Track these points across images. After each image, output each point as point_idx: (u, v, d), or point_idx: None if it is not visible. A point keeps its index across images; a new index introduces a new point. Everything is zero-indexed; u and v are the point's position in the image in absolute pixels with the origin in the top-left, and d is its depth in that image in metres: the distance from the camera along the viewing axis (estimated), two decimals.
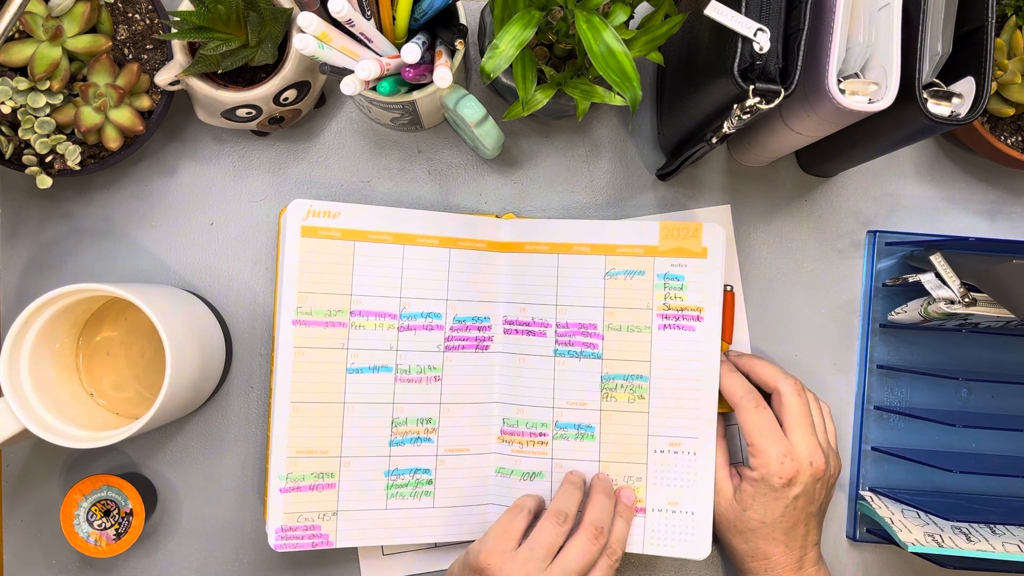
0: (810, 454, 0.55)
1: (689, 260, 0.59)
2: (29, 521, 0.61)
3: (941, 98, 0.48)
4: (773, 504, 0.55)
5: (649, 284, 0.59)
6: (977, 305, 0.57)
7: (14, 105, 0.53)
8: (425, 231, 0.59)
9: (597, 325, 0.59)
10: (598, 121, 0.64)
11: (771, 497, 0.55)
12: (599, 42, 0.46)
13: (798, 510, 0.56)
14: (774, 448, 0.55)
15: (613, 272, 0.59)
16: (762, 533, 0.56)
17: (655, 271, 0.59)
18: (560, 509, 0.56)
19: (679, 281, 0.59)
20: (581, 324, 0.59)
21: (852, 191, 0.65)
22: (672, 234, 0.60)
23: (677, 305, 0.59)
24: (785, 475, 0.55)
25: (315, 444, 0.57)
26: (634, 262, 0.59)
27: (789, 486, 0.55)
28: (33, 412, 0.52)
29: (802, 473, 0.55)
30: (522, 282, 0.60)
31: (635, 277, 0.59)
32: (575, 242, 0.60)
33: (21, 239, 0.61)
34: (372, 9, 0.50)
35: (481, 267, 0.60)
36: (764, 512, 0.56)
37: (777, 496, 0.55)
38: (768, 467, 0.55)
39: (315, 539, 0.57)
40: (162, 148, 0.62)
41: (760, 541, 0.56)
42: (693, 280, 0.59)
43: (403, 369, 0.59)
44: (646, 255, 0.59)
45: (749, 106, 0.45)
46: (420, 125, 0.61)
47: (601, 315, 0.59)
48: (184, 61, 0.54)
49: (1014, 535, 0.59)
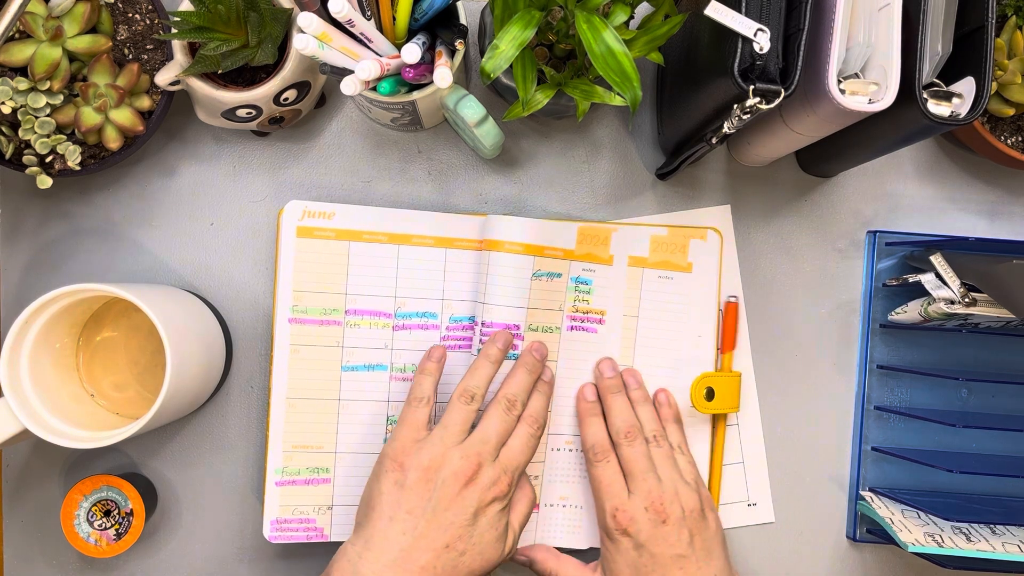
0: (646, 500, 0.55)
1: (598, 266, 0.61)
2: (29, 521, 0.61)
3: (941, 98, 0.48)
4: (629, 556, 0.55)
5: (563, 286, 0.60)
6: (977, 305, 0.57)
7: (14, 105, 0.53)
8: (420, 231, 0.60)
9: (521, 326, 0.59)
10: (598, 121, 0.64)
11: (623, 551, 0.55)
12: (599, 42, 0.46)
13: (656, 557, 0.54)
14: (607, 503, 0.56)
15: (538, 273, 0.59)
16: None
17: (570, 274, 0.60)
18: (466, 389, 0.55)
19: (587, 285, 0.61)
20: (506, 325, 0.59)
21: (852, 191, 0.65)
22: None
23: (584, 308, 0.61)
24: (619, 526, 0.55)
25: (310, 439, 0.58)
26: (554, 264, 0.60)
27: (627, 535, 0.55)
28: (33, 412, 0.52)
29: (638, 521, 0.54)
30: (477, 280, 0.60)
31: (553, 279, 0.60)
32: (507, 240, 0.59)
33: (21, 239, 0.61)
34: (372, 9, 0.50)
35: (478, 267, 0.60)
36: (628, 570, 0.55)
37: (623, 548, 0.55)
38: (604, 521, 0.56)
39: (309, 532, 0.58)
40: (162, 148, 0.62)
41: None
42: (599, 285, 0.61)
43: (398, 368, 0.60)
44: (565, 258, 0.60)
45: (749, 106, 0.45)
46: (420, 125, 0.61)
47: (524, 316, 0.59)
48: (184, 61, 0.55)
49: (1014, 535, 0.59)
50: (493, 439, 0.54)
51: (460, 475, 0.52)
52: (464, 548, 0.52)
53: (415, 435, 0.54)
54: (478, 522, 0.52)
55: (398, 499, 0.52)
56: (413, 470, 0.52)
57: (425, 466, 0.52)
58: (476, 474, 0.52)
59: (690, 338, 0.62)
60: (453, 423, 0.54)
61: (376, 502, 0.53)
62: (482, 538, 0.52)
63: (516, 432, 0.55)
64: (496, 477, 0.53)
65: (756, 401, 0.64)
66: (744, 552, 0.64)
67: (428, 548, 0.51)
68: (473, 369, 0.56)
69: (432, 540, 0.51)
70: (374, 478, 0.54)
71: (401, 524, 0.51)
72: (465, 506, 0.52)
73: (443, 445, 0.53)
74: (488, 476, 0.53)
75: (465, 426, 0.54)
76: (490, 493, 0.53)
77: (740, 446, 0.64)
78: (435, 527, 0.51)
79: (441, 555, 0.51)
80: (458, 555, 0.51)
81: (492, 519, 0.53)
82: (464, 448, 0.53)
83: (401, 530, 0.51)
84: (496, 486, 0.53)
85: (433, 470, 0.52)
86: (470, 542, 0.52)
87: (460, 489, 0.52)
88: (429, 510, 0.51)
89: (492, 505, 0.53)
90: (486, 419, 0.55)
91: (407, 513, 0.51)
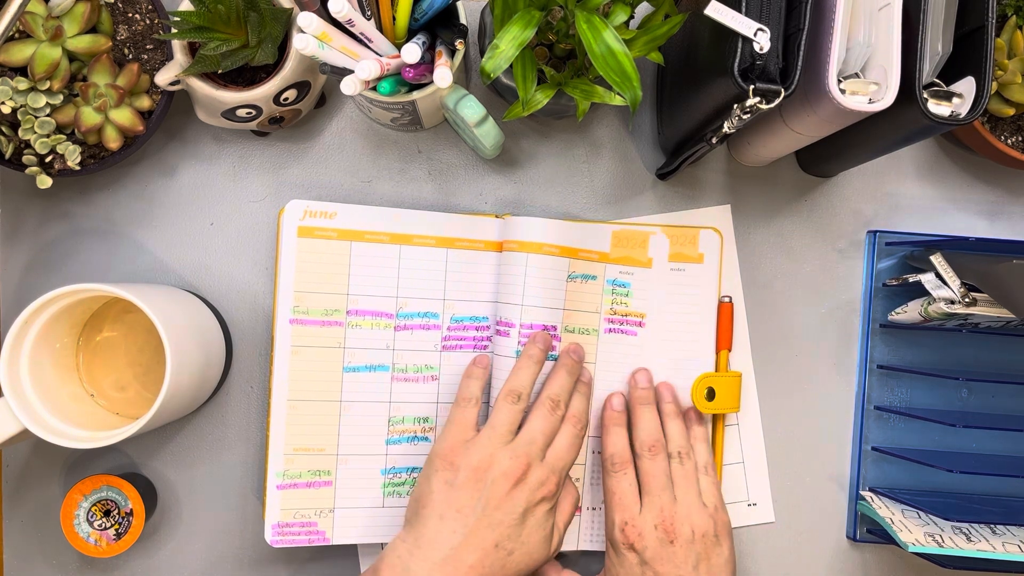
0: (657, 517, 0.55)
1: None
2: (29, 521, 0.61)
3: (941, 98, 0.48)
4: (633, 571, 0.54)
5: (599, 289, 0.61)
6: (977, 305, 0.57)
7: (14, 105, 0.53)
8: (422, 231, 0.60)
9: (558, 327, 0.59)
10: (598, 121, 0.64)
11: (627, 565, 0.55)
12: (599, 42, 0.46)
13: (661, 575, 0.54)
14: (618, 515, 0.56)
15: (573, 275, 0.59)
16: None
17: (605, 276, 0.61)
18: (512, 389, 0.56)
19: (626, 288, 0.61)
20: (544, 326, 0.59)
21: (852, 191, 0.65)
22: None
23: (622, 310, 0.61)
24: (627, 541, 0.55)
25: (312, 442, 0.58)
26: (589, 267, 0.60)
27: (633, 551, 0.54)
28: (33, 412, 0.52)
29: (645, 537, 0.54)
30: (503, 281, 0.60)
31: (588, 281, 0.60)
32: (545, 242, 0.58)
33: (21, 239, 0.61)
34: (372, 9, 0.50)
35: (479, 267, 0.60)
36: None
37: (627, 563, 0.55)
38: (611, 533, 0.56)
39: (311, 536, 0.58)
40: (162, 148, 0.62)
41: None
42: (638, 287, 0.61)
43: (400, 368, 0.59)
44: (600, 261, 0.60)
45: (749, 106, 0.45)
46: (420, 125, 0.61)
47: (560, 317, 0.59)
48: (184, 61, 0.54)
49: (1014, 535, 0.59)
50: (540, 439, 0.54)
51: (510, 475, 0.52)
52: (512, 548, 0.52)
53: (464, 435, 0.54)
54: (527, 522, 0.53)
55: (448, 498, 0.52)
56: (464, 469, 0.53)
57: (475, 466, 0.53)
58: (525, 474, 0.53)
59: (694, 334, 0.62)
60: (501, 423, 0.54)
61: (427, 500, 0.53)
62: (530, 538, 0.53)
63: (561, 432, 0.56)
64: (544, 477, 0.53)
65: (756, 401, 0.64)
66: (744, 552, 0.64)
67: (478, 547, 0.51)
68: (517, 369, 0.57)
69: (482, 539, 0.51)
70: (424, 478, 0.54)
71: (452, 523, 0.52)
72: (514, 506, 0.52)
73: (492, 445, 0.53)
74: (537, 476, 0.53)
75: (513, 426, 0.55)
76: (539, 493, 0.53)
77: (740, 446, 0.64)
78: (485, 526, 0.52)
79: (490, 554, 0.51)
80: (507, 555, 0.52)
81: (540, 519, 0.53)
82: (513, 448, 0.53)
83: (452, 528, 0.51)
84: (544, 486, 0.53)
85: (483, 470, 0.53)
86: (518, 541, 0.52)
87: (510, 489, 0.52)
88: (479, 509, 0.52)
89: (540, 505, 0.53)
90: (532, 420, 0.55)
91: (457, 511, 0.52)
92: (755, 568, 0.64)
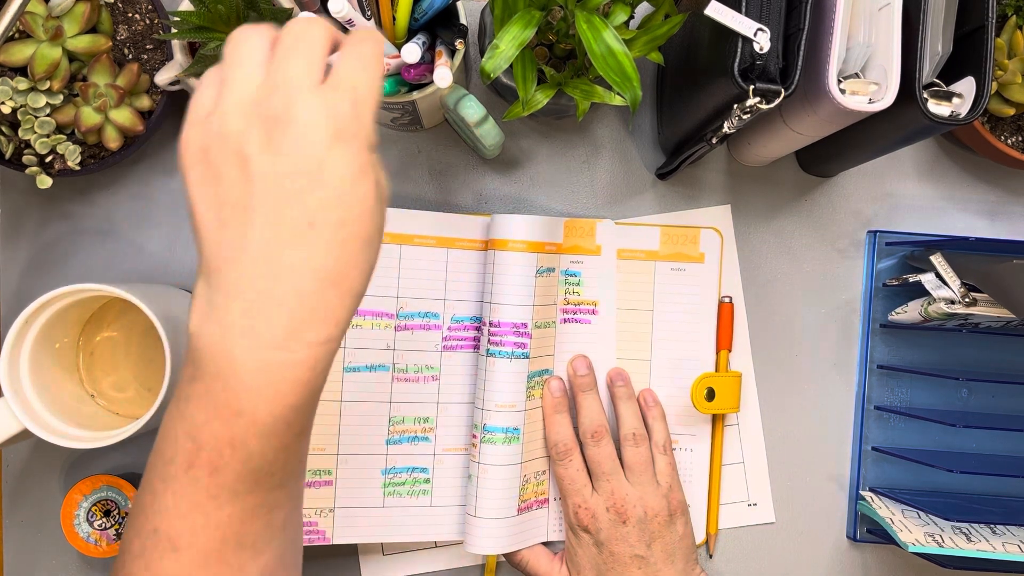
0: (608, 500, 0.56)
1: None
2: (29, 521, 0.61)
3: (941, 98, 0.48)
4: (590, 551, 0.57)
5: (555, 280, 0.61)
6: (977, 305, 0.57)
7: (14, 105, 0.53)
8: (422, 231, 0.59)
9: (528, 324, 0.59)
10: (598, 121, 0.64)
11: (584, 546, 0.57)
12: (599, 42, 0.46)
13: (616, 555, 0.56)
14: (571, 499, 0.57)
15: (540, 271, 0.59)
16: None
17: (560, 267, 0.61)
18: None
19: (576, 277, 0.61)
20: (513, 324, 0.58)
21: (852, 191, 0.65)
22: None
23: (575, 299, 0.61)
24: (581, 523, 0.56)
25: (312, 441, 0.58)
26: (550, 259, 0.60)
27: (587, 532, 0.56)
28: (33, 412, 0.52)
29: (599, 519, 0.56)
30: (484, 280, 0.60)
31: (549, 275, 0.60)
32: (509, 239, 0.58)
33: (21, 239, 0.61)
34: (372, 9, 0.50)
35: (479, 267, 0.60)
36: (589, 564, 0.57)
37: (584, 544, 0.57)
38: (568, 517, 0.58)
39: (311, 535, 0.58)
40: (162, 148, 0.62)
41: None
42: (588, 276, 0.62)
43: (400, 368, 0.59)
44: (557, 252, 0.60)
45: (749, 106, 0.45)
46: (420, 125, 0.61)
47: (531, 314, 0.59)
48: (184, 61, 0.54)
49: (1014, 535, 0.59)
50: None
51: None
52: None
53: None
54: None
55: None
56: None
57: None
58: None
59: (694, 334, 0.62)
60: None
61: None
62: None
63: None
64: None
65: (756, 401, 0.64)
66: (744, 552, 0.64)
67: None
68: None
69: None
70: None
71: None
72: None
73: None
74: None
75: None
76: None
77: (740, 446, 0.64)
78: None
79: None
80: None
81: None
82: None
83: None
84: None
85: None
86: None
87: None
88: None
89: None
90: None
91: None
92: (755, 568, 0.64)
